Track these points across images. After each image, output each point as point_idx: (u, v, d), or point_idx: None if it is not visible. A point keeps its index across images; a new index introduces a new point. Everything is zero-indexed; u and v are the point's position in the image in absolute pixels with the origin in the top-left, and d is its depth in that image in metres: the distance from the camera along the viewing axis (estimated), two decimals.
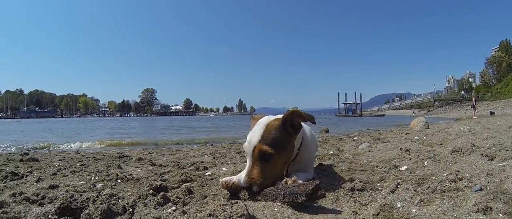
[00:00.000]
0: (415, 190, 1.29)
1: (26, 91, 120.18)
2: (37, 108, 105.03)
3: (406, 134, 4.91)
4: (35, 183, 1.82)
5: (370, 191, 1.43)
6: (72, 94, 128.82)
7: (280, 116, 1.51)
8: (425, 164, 1.97)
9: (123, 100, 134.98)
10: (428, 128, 5.91)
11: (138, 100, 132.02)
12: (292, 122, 1.44)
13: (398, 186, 1.37)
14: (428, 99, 58.81)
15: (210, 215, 0.97)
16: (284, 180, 1.42)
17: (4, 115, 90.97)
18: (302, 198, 1.17)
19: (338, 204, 1.29)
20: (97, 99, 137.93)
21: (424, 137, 3.70)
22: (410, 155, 2.39)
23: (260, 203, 1.26)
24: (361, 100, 55.32)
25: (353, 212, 1.11)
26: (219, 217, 0.96)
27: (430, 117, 28.67)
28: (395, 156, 2.45)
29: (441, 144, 2.85)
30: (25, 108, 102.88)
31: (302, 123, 1.58)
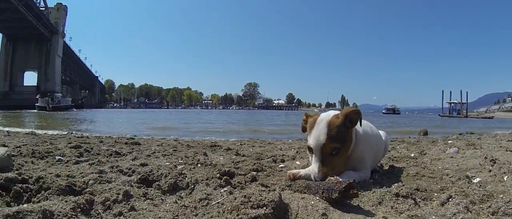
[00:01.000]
0: (466, 207, 1.17)
1: (136, 85, 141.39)
2: (146, 100, 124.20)
3: (508, 141, 4.10)
4: (130, 161, 2.29)
5: (419, 200, 1.36)
6: (177, 87, 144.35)
7: (335, 112, 1.69)
8: (505, 178, 1.70)
9: (226, 93, 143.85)
10: None
11: (240, 94, 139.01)
12: (351, 118, 1.62)
13: (450, 199, 1.26)
14: None
15: (245, 196, 1.14)
16: (328, 177, 1.49)
17: (118, 105, 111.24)
18: (336, 195, 1.24)
19: (377, 207, 1.29)
20: (201, 92, 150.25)
21: None
22: (492, 166, 2.07)
23: (300, 195, 1.37)
24: (467, 100, 48.24)
25: (383, 217, 1.12)
26: (251, 199, 1.12)
27: None
28: (475, 166, 2.17)
29: None
30: (136, 99, 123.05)
31: (369, 124, 1.91)
